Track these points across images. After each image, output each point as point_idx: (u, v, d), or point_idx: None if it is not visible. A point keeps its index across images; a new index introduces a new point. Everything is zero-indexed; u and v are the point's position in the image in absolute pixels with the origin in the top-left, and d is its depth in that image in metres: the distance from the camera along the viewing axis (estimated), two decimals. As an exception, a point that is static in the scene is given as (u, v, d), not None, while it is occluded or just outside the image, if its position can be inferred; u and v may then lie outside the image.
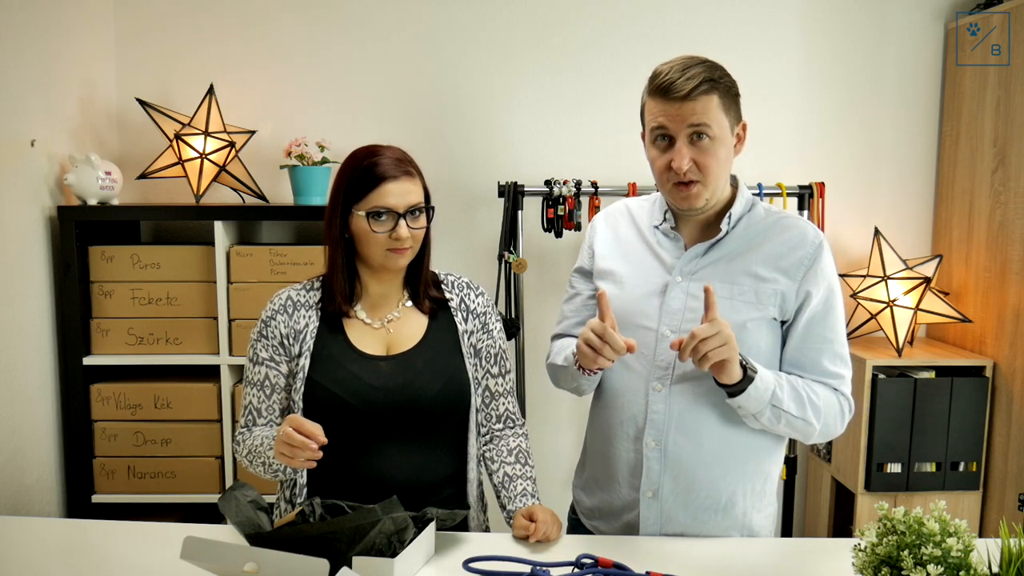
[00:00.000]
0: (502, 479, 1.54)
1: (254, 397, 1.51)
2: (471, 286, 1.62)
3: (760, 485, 1.50)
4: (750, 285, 1.42)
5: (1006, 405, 2.40)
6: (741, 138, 1.45)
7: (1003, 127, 2.40)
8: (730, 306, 1.41)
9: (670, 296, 1.45)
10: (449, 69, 2.69)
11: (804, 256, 1.43)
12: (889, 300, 2.53)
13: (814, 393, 1.42)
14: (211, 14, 2.65)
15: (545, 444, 2.78)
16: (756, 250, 1.44)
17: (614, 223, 1.59)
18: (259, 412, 1.51)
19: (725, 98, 1.38)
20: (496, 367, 1.59)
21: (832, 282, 1.46)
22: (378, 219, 1.44)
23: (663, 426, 1.44)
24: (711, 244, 1.46)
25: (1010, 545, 1.05)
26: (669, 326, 1.44)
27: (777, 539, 1.55)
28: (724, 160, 1.41)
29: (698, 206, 1.43)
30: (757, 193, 2.53)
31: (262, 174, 2.60)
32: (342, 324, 1.51)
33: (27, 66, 2.19)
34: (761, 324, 1.43)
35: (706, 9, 2.67)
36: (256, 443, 1.45)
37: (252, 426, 1.52)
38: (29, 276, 2.22)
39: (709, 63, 1.39)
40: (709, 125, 1.36)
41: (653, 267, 1.49)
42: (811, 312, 1.43)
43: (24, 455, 2.18)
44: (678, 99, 1.35)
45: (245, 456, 1.48)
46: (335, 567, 1.07)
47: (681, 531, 1.48)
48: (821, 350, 1.45)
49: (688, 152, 1.38)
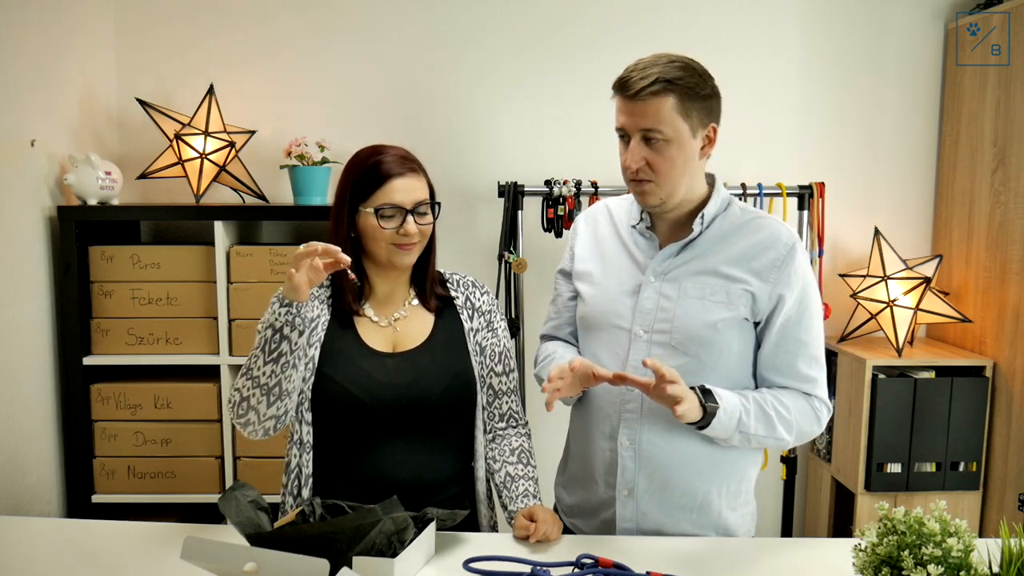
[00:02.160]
0: (504, 479, 1.55)
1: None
2: (476, 285, 1.64)
3: (736, 485, 1.50)
4: (721, 285, 1.42)
5: (1006, 405, 2.40)
6: (711, 140, 1.42)
7: (1003, 127, 2.40)
8: (701, 306, 1.42)
9: (643, 296, 1.46)
10: (449, 69, 2.69)
11: (776, 258, 1.42)
12: (889, 300, 2.53)
13: (783, 407, 1.42)
14: (211, 14, 2.65)
15: (544, 444, 2.77)
16: (728, 250, 1.44)
17: (594, 223, 1.60)
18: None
19: (684, 100, 1.35)
20: (500, 365, 1.60)
21: (806, 284, 1.44)
22: (386, 216, 1.45)
23: (636, 425, 1.45)
24: (684, 244, 1.46)
25: (1010, 545, 1.05)
26: (642, 326, 1.45)
27: (777, 539, 1.55)
28: (681, 162, 1.39)
29: (652, 204, 1.43)
30: (757, 193, 2.53)
31: (262, 174, 2.60)
32: (352, 320, 1.53)
33: (27, 66, 2.19)
34: (732, 324, 1.42)
35: (706, 9, 2.67)
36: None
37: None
38: (29, 276, 2.22)
39: (678, 63, 1.36)
40: (659, 128, 1.35)
41: (627, 267, 1.50)
42: (785, 315, 1.43)
43: (24, 455, 2.18)
44: (630, 98, 1.36)
45: (247, 369, 1.41)
46: (335, 567, 1.07)
47: (657, 529, 1.49)
48: (796, 353, 1.44)
49: (640, 151, 1.38)
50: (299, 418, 1.49)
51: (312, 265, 1.33)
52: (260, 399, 1.40)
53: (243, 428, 1.44)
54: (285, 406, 1.43)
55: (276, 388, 1.40)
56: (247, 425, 1.43)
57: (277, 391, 1.40)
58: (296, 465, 1.50)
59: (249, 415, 1.42)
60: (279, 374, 1.39)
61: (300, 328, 1.38)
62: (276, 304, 1.38)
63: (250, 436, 1.45)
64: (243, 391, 1.41)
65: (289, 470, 1.51)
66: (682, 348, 1.43)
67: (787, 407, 1.43)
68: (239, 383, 1.42)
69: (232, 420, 1.45)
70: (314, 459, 1.51)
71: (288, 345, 1.38)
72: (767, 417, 1.41)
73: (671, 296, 1.43)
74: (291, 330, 1.37)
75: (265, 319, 1.40)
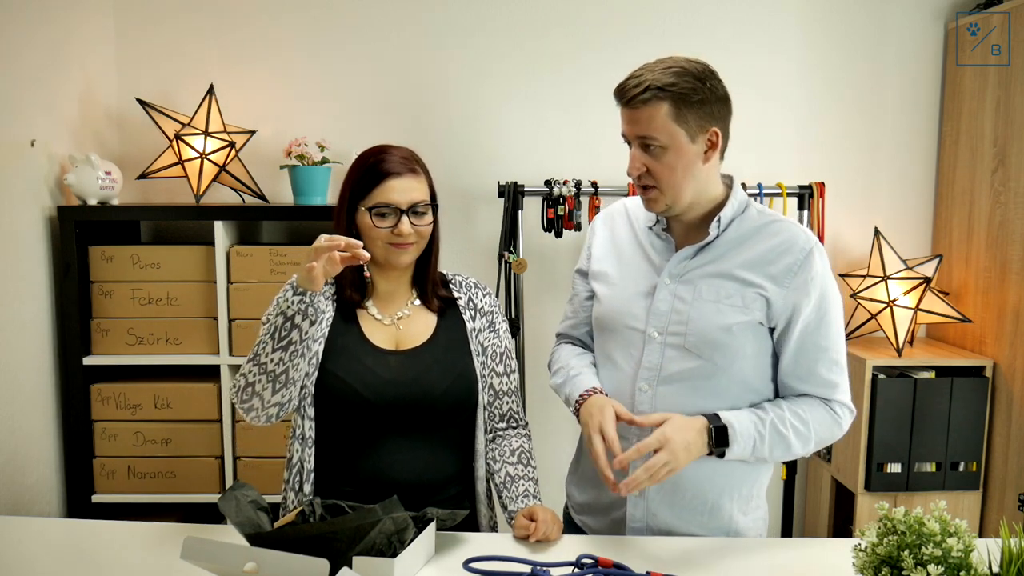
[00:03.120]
0: (503, 479, 1.55)
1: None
2: (479, 286, 1.64)
3: (748, 489, 1.50)
4: (736, 289, 1.41)
5: (1006, 405, 2.40)
6: (713, 144, 1.39)
7: (1003, 127, 2.40)
8: (715, 309, 1.41)
9: (658, 298, 1.45)
10: (449, 68, 2.69)
11: (793, 263, 1.40)
12: (889, 300, 2.53)
13: (800, 421, 1.41)
14: (211, 14, 2.65)
15: (545, 444, 2.77)
16: (745, 254, 1.43)
17: (612, 224, 1.59)
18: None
19: (679, 106, 1.33)
20: (501, 366, 1.61)
21: (825, 288, 1.42)
22: (381, 215, 1.46)
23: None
24: (700, 247, 1.45)
25: (1010, 545, 1.05)
26: (656, 327, 1.44)
27: (777, 539, 1.55)
28: (680, 168, 1.37)
29: (657, 210, 1.43)
30: (757, 193, 2.53)
31: (262, 174, 2.60)
32: (356, 317, 1.53)
33: (27, 66, 2.19)
34: (746, 328, 1.41)
35: (706, 9, 2.67)
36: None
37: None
38: (29, 276, 2.22)
39: (675, 68, 1.34)
40: (654, 136, 1.35)
41: (643, 268, 1.50)
42: (804, 322, 1.41)
43: (24, 455, 2.18)
44: (626, 105, 1.37)
45: (254, 355, 1.41)
46: (335, 567, 1.07)
47: (667, 530, 1.48)
48: (817, 359, 1.43)
49: (640, 158, 1.39)
50: (301, 413, 1.49)
51: (330, 257, 1.33)
52: (265, 386, 1.40)
53: (246, 414, 1.45)
54: (290, 394, 1.43)
55: (283, 376, 1.40)
56: (250, 411, 1.44)
57: (283, 379, 1.40)
58: (298, 460, 1.50)
59: (253, 401, 1.42)
60: (287, 362, 1.39)
61: (312, 318, 1.38)
62: (289, 291, 1.38)
63: (252, 422, 1.46)
64: (248, 376, 1.41)
65: (291, 464, 1.51)
66: (696, 351, 1.42)
67: (805, 421, 1.41)
68: (245, 368, 1.42)
69: (235, 404, 1.45)
70: (316, 454, 1.51)
71: (298, 334, 1.38)
72: (782, 439, 1.40)
73: (686, 299, 1.43)
74: (302, 319, 1.37)
75: (276, 306, 1.41)
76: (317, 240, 1.34)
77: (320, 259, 1.33)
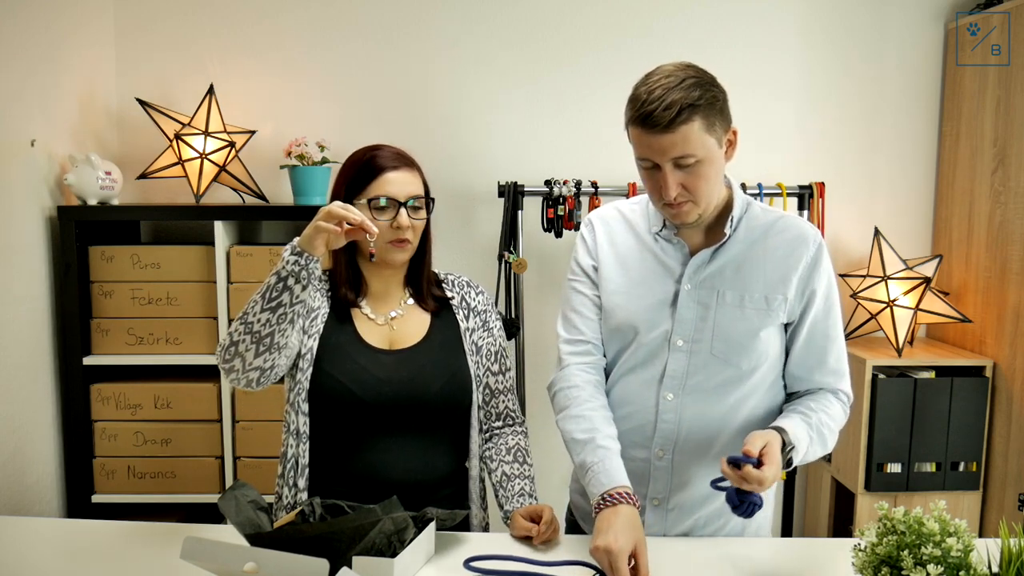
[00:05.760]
0: (500, 478, 1.55)
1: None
2: (471, 285, 1.64)
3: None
4: (760, 292, 1.41)
5: (1006, 405, 2.40)
6: (732, 143, 1.39)
7: (1003, 127, 2.40)
8: (741, 315, 1.41)
9: (681, 305, 1.43)
10: (450, 68, 2.69)
11: (807, 257, 1.43)
12: (889, 300, 2.53)
13: (832, 420, 1.44)
14: (211, 14, 2.65)
15: (544, 443, 2.77)
16: (761, 255, 1.43)
17: (609, 230, 1.52)
18: None
19: (708, 116, 1.31)
20: (496, 364, 1.61)
21: (831, 280, 1.46)
22: (379, 208, 1.46)
23: (673, 436, 1.44)
24: (716, 248, 1.43)
25: (1010, 545, 1.05)
26: (682, 335, 1.43)
27: (777, 539, 1.55)
28: (713, 175, 1.36)
29: (690, 221, 1.40)
30: (757, 193, 2.53)
31: (262, 174, 2.60)
32: (350, 316, 1.53)
33: (27, 66, 2.19)
34: (772, 332, 1.43)
35: (706, 8, 2.67)
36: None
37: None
38: (29, 276, 2.22)
39: (689, 79, 1.30)
40: (691, 153, 1.31)
41: (658, 274, 1.46)
42: (814, 313, 1.44)
43: (24, 455, 2.18)
44: (658, 131, 1.29)
45: (243, 314, 1.38)
46: (335, 567, 1.07)
47: (683, 535, 1.49)
48: (826, 349, 1.45)
49: (675, 177, 1.33)
50: (296, 408, 1.49)
51: (336, 229, 1.32)
52: (249, 346, 1.37)
53: (227, 375, 1.41)
54: (273, 360, 1.40)
55: (268, 338, 1.37)
56: (231, 372, 1.40)
57: (268, 342, 1.37)
58: (293, 455, 1.50)
59: (234, 361, 1.39)
60: (274, 324, 1.36)
61: (304, 282, 1.36)
62: (287, 252, 1.36)
63: (232, 383, 1.43)
64: (234, 335, 1.38)
65: (285, 460, 1.51)
66: (723, 357, 1.41)
67: (834, 418, 1.44)
68: (232, 327, 1.38)
69: (218, 364, 1.42)
70: (311, 450, 1.50)
71: (289, 296, 1.35)
72: (823, 441, 1.43)
73: (710, 304, 1.41)
74: (295, 282, 1.35)
75: (274, 269, 1.39)
76: (332, 204, 1.34)
77: (331, 222, 1.32)
